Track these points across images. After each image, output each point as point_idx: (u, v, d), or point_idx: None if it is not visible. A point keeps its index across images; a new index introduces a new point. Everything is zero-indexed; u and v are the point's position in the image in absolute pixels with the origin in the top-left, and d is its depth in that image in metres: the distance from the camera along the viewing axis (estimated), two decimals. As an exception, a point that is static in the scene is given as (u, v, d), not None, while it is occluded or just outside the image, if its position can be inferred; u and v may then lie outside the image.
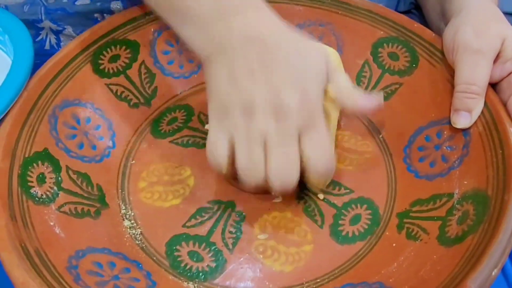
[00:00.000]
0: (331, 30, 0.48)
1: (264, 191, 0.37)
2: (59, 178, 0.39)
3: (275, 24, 0.36)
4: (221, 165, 0.36)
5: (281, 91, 0.34)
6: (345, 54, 0.47)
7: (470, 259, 0.32)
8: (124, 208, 0.40)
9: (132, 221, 0.40)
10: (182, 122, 0.46)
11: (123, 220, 0.39)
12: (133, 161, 0.43)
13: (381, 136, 0.44)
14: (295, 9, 0.49)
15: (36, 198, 0.37)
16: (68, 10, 0.52)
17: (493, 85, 0.40)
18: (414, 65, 0.45)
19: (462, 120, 0.39)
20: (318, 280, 0.36)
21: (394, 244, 0.38)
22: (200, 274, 0.37)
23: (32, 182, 0.37)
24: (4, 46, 0.45)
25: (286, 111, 0.33)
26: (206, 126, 0.44)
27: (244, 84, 0.34)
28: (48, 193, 0.38)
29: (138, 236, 0.39)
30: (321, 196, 0.41)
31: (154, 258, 0.37)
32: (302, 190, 0.41)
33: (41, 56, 0.45)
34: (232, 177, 0.38)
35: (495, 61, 0.39)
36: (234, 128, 0.35)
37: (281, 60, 0.34)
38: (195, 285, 0.36)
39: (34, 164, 0.38)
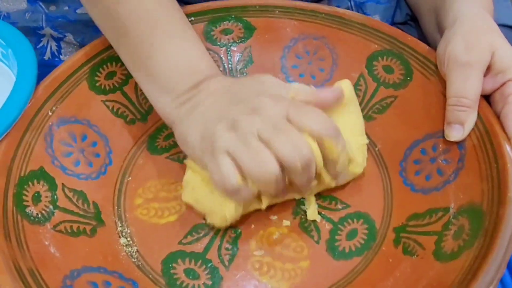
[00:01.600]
0: (325, 44, 0.48)
1: (289, 189, 0.36)
2: (55, 197, 0.39)
3: (232, 78, 0.42)
4: (237, 189, 0.34)
5: (253, 101, 0.36)
6: (340, 68, 0.47)
7: (466, 275, 0.32)
8: (120, 225, 0.40)
9: (128, 239, 0.39)
10: (178, 137, 0.46)
11: (119, 237, 0.39)
12: (129, 178, 0.43)
13: (377, 149, 0.44)
14: (289, 23, 0.49)
15: (31, 218, 0.37)
16: (69, 17, 0.52)
17: (486, 97, 0.40)
18: (408, 78, 0.45)
19: (454, 133, 0.39)
20: (315, 297, 0.36)
21: (390, 260, 0.37)
22: (196, 292, 0.37)
23: (27, 201, 0.37)
24: (7, 60, 0.45)
25: (264, 106, 0.35)
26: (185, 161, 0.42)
27: (220, 113, 0.37)
28: (43, 212, 0.38)
29: (134, 254, 0.39)
30: (316, 217, 0.40)
31: (150, 276, 0.37)
32: (298, 206, 0.41)
33: (40, 66, 0.44)
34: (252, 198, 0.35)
35: (486, 73, 0.39)
36: (227, 145, 0.34)
37: (244, 89, 0.38)
38: (191, 303, 0.36)
39: (30, 183, 0.38)
